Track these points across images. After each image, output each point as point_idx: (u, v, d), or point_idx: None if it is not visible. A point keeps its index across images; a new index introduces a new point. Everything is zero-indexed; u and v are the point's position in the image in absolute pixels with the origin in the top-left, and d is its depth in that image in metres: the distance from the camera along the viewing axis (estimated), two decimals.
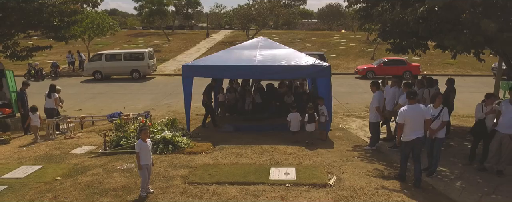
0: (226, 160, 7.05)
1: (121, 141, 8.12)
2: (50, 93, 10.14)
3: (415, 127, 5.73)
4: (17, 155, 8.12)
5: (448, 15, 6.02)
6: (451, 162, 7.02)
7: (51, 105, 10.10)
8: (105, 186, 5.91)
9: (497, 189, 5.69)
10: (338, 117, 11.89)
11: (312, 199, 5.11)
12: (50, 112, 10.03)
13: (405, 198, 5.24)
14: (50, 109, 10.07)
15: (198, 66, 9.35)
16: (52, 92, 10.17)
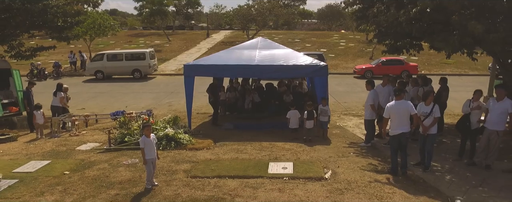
0: (227, 155, 7.35)
1: (125, 137, 8.42)
2: (56, 92, 10.52)
3: (401, 122, 6.14)
4: (25, 151, 8.41)
5: (439, 16, 6.32)
6: (443, 157, 7.32)
7: (56, 103, 10.49)
8: (111, 180, 6.21)
9: (484, 182, 5.99)
10: (335, 116, 12.16)
11: (308, 191, 5.41)
12: (55, 109, 10.42)
13: (396, 190, 5.54)
14: (55, 107, 10.47)
15: (199, 66, 9.65)
16: (58, 91, 10.56)
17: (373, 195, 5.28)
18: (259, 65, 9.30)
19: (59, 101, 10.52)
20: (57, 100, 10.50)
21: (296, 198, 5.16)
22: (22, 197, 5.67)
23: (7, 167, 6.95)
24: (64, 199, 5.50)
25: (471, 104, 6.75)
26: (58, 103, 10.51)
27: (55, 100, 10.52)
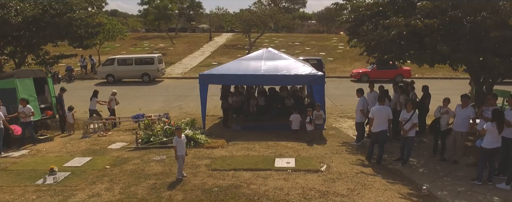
0: (239, 152, 8.77)
1: (151, 138, 9.84)
2: (92, 97, 12.27)
3: (381, 122, 7.82)
4: (65, 149, 9.82)
5: (413, 38, 7.72)
6: (420, 154, 8.74)
7: (93, 106, 12.23)
8: (147, 172, 7.62)
9: (449, 174, 7.40)
10: (332, 118, 13.55)
11: (307, 180, 6.82)
12: (92, 112, 12.15)
13: (377, 179, 6.95)
14: (92, 110, 12.20)
15: (213, 75, 11.06)
16: (93, 96, 12.30)
17: (358, 183, 6.70)
18: (265, 74, 10.72)
19: (95, 104, 12.23)
20: (93, 104, 12.21)
21: (298, 185, 6.57)
22: (78, 185, 7.08)
23: (56, 162, 8.34)
24: (113, 187, 6.91)
25: (441, 110, 8.17)
26: (94, 107, 12.23)
27: (92, 104, 12.25)
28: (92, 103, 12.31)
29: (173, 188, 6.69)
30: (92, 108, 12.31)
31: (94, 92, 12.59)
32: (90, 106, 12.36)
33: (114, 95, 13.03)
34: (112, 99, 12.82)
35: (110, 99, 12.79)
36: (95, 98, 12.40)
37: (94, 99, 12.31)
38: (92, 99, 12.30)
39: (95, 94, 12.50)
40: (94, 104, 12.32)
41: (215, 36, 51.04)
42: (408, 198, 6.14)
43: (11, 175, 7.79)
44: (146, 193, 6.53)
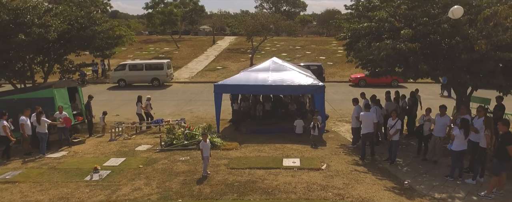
0: (252, 154, 10.24)
1: (173, 141, 11.31)
2: (137, 102, 14.20)
3: (368, 126, 9.59)
4: (98, 151, 11.29)
5: (400, 58, 9.20)
6: (406, 155, 10.22)
7: (139, 111, 14.18)
8: (175, 171, 9.09)
9: (428, 172, 8.88)
10: (331, 122, 15.00)
11: (310, 176, 8.29)
12: (139, 116, 14.21)
13: (368, 176, 8.43)
14: (138, 114, 14.23)
15: (226, 85, 12.53)
16: (138, 101, 14.23)
17: (352, 178, 8.17)
18: (272, 85, 12.20)
19: (140, 109, 14.12)
20: (138, 108, 14.13)
21: (302, 181, 8.04)
22: (121, 181, 8.54)
23: (96, 162, 9.80)
24: (150, 183, 8.37)
25: (424, 118, 9.66)
26: (140, 111, 14.14)
27: (137, 108, 14.18)
28: (138, 107, 14.19)
29: (201, 183, 8.16)
30: (138, 112, 14.24)
31: (138, 98, 14.44)
32: (137, 110, 14.30)
33: (149, 101, 14.65)
34: (148, 104, 14.43)
35: (146, 104, 14.39)
36: (140, 103, 14.19)
37: (139, 104, 14.14)
38: (138, 104, 14.16)
39: (139, 99, 14.34)
40: (139, 108, 14.18)
41: (218, 39, 52.46)
42: (392, 191, 7.61)
43: (61, 173, 9.26)
44: (179, 187, 8.00)
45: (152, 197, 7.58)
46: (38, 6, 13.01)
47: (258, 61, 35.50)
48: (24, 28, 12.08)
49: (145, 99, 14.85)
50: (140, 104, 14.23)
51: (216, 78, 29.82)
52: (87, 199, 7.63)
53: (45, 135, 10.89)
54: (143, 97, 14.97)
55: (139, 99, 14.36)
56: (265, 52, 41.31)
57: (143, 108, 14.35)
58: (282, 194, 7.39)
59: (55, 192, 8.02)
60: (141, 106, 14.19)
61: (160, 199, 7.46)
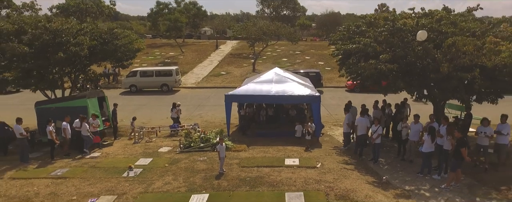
0: (258, 154, 12.19)
1: (191, 144, 13.25)
2: (172, 108, 16.20)
3: (362, 129, 11.48)
4: (127, 153, 13.22)
5: (381, 76, 11.14)
6: (388, 155, 12.17)
7: (174, 115, 16.18)
8: (196, 168, 11.02)
9: (404, 169, 10.82)
10: (327, 126, 16.91)
11: (307, 173, 10.22)
12: (174, 120, 16.13)
13: (354, 173, 10.36)
14: (173, 118, 16.21)
15: (235, 96, 14.47)
16: (173, 107, 16.23)
17: (341, 175, 10.11)
18: (275, 95, 14.15)
19: (175, 113, 16.11)
20: (173, 113, 16.16)
21: (301, 176, 9.97)
22: (153, 177, 10.47)
23: (129, 161, 11.73)
24: (177, 178, 10.31)
25: (402, 125, 11.61)
26: (175, 115, 16.16)
27: (172, 113, 16.21)
28: (172, 112, 16.22)
29: (219, 178, 10.10)
30: (173, 116, 16.27)
31: (173, 104, 16.50)
32: (171, 115, 16.33)
33: (179, 107, 16.60)
34: (178, 110, 16.38)
35: (177, 110, 16.31)
36: (174, 108, 16.16)
37: (174, 110, 16.15)
38: (173, 110, 16.19)
39: (174, 105, 16.34)
40: (174, 113, 16.19)
41: (220, 44, 54.43)
42: (372, 184, 9.55)
43: (101, 170, 11.20)
44: (201, 181, 9.94)
45: (181, 189, 9.53)
46: (72, 27, 14.93)
47: (260, 66, 37.55)
48: (62, 47, 14.03)
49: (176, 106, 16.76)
50: (175, 109, 16.23)
51: (221, 83, 31.78)
52: (129, 191, 9.57)
53: (88, 138, 12.84)
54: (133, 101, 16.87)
55: (174, 106, 16.37)
56: (266, 57, 43.29)
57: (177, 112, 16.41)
58: (284, 186, 9.34)
59: (101, 186, 9.96)
60: (176, 111, 16.19)
61: (188, 191, 9.40)
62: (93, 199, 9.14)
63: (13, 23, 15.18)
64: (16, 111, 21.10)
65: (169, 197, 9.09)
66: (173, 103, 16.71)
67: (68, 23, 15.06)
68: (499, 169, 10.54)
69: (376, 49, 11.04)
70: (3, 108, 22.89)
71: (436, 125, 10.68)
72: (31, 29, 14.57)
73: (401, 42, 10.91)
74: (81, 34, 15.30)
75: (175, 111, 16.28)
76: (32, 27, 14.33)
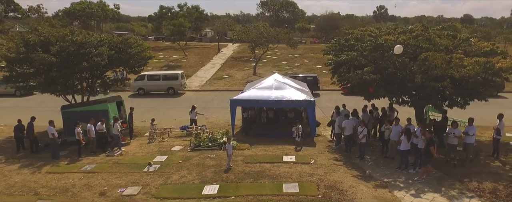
0: (260, 152, 13.95)
1: (200, 143, 15.00)
2: (191, 111, 17.84)
3: (349, 129, 13.03)
4: (144, 151, 14.96)
5: (365, 85, 12.90)
6: (373, 153, 13.94)
7: (193, 116, 17.80)
8: (207, 164, 12.77)
9: (386, 165, 12.59)
10: (322, 127, 18.65)
11: (302, 168, 11.99)
12: (193, 121, 17.79)
13: (342, 168, 12.12)
14: (192, 120, 17.85)
15: (239, 100, 16.24)
16: (192, 109, 17.87)
17: (330, 169, 11.87)
18: (275, 100, 15.92)
19: (194, 115, 17.78)
20: (193, 114, 17.85)
21: (297, 170, 11.73)
22: (170, 172, 12.23)
23: (148, 158, 13.50)
24: (191, 172, 12.06)
25: (384, 127, 13.37)
26: (194, 116, 17.81)
27: (192, 114, 17.87)
28: (192, 114, 17.88)
29: (227, 172, 11.87)
30: (192, 117, 17.91)
31: (193, 107, 18.19)
32: (191, 116, 17.94)
33: (195, 110, 18.26)
34: (195, 112, 18.09)
35: (195, 112, 18.05)
36: (194, 111, 17.85)
37: (193, 112, 17.85)
38: (192, 112, 17.88)
39: (193, 108, 18.05)
40: (194, 114, 17.87)
41: (222, 47, 56.18)
42: (356, 177, 11.32)
43: (124, 166, 12.95)
44: (212, 175, 11.70)
45: (195, 181, 11.30)
46: (94, 39, 16.71)
47: (261, 70, 39.34)
48: (86, 57, 15.80)
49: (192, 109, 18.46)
50: (193, 111, 17.97)
51: (224, 86, 33.54)
52: (151, 183, 11.34)
53: (117, 137, 14.64)
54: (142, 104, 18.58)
55: (193, 108, 18.10)
56: (267, 60, 45.04)
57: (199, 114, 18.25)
58: (282, 178, 11.11)
59: (127, 179, 11.73)
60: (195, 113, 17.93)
61: (201, 183, 11.17)
62: (122, 189, 10.92)
63: (39, 35, 16.97)
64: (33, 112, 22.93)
65: (186, 188, 10.86)
66: (192, 106, 18.44)
67: (90, 36, 16.82)
68: (466, 165, 12.31)
69: (361, 62, 12.81)
70: (21, 109, 24.69)
71: (413, 127, 12.46)
72: (56, 40, 16.35)
73: (382, 56, 12.68)
74: (101, 45, 17.05)
75: (194, 112, 18.01)
76: (59, 39, 16.08)
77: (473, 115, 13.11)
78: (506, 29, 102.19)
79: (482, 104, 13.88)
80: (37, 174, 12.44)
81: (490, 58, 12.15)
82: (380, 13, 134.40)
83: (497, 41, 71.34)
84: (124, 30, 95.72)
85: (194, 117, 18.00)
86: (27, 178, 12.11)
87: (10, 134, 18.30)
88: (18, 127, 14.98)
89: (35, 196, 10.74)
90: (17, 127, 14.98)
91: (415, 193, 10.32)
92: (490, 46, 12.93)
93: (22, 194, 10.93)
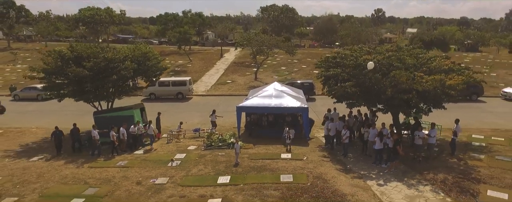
0: (262, 151, 16.88)
1: (212, 143, 17.93)
2: (211, 114, 20.65)
3: (332, 131, 16.08)
4: (164, 150, 17.88)
5: (349, 97, 15.84)
6: (356, 152, 16.86)
7: (214, 118, 20.58)
8: (219, 160, 15.70)
9: (364, 161, 15.52)
10: (315, 130, 21.59)
11: (296, 163, 14.90)
12: (213, 123, 20.53)
13: (328, 163, 15.05)
14: (212, 122, 20.55)
15: (244, 107, 19.20)
16: (212, 113, 20.65)
17: (318, 164, 14.80)
18: (274, 107, 18.87)
19: (214, 118, 20.49)
20: (214, 117, 20.58)
21: (292, 165, 14.65)
22: (189, 166, 15.15)
23: (169, 156, 16.41)
24: (206, 167, 14.99)
25: (363, 129, 16.30)
26: (214, 119, 20.56)
27: (212, 117, 20.57)
28: (212, 116, 20.67)
29: (236, 166, 14.80)
30: (212, 120, 20.66)
31: (213, 111, 21.01)
32: (211, 119, 20.70)
33: (215, 113, 21.06)
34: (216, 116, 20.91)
35: (215, 115, 20.87)
36: (214, 114, 20.66)
37: (213, 115, 20.65)
38: (212, 115, 20.69)
39: (213, 112, 20.84)
40: (214, 117, 20.66)
41: (224, 52, 59.05)
42: (339, 170, 14.25)
43: (151, 162, 15.87)
44: (224, 169, 14.63)
45: (211, 173, 14.23)
46: (121, 55, 19.67)
47: (261, 75, 42.31)
48: (115, 70, 18.75)
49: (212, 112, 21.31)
50: (214, 114, 20.78)
51: (227, 91, 36.43)
52: (175, 174, 14.27)
53: (152, 136, 17.63)
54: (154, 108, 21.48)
55: (213, 112, 20.90)
56: (267, 66, 47.95)
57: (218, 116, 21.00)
58: (280, 171, 14.05)
59: (155, 172, 14.65)
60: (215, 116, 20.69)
61: (216, 174, 14.09)
62: (154, 179, 13.85)
63: (72, 51, 19.90)
64: (59, 116, 26.25)
65: (204, 178, 13.79)
66: (213, 110, 21.31)
67: (118, 53, 19.75)
68: (429, 161, 15.23)
69: (344, 77, 15.76)
70: (46, 113, 27.74)
71: (385, 130, 15.40)
72: (88, 56, 19.27)
73: (361, 73, 15.62)
74: (126, 59, 20.00)
75: (214, 115, 20.85)
76: (92, 56, 19.03)
77: (451, 118, 16.03)
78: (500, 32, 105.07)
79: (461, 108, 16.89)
80: (81, 168, 15.38)
81: (449, 74, 15.10)
82: (378, 16, 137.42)
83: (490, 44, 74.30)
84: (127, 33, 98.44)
85: (214, 119, 20.75)
86: (74, 171, 15.05)
87: (44, 135, 21.43)
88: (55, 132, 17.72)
89: (85, 185, 13.67)
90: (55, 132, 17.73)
91: (383, 182, 13.26)
92: (450, 64, 15.87)
93: (74, 183, 13.86)
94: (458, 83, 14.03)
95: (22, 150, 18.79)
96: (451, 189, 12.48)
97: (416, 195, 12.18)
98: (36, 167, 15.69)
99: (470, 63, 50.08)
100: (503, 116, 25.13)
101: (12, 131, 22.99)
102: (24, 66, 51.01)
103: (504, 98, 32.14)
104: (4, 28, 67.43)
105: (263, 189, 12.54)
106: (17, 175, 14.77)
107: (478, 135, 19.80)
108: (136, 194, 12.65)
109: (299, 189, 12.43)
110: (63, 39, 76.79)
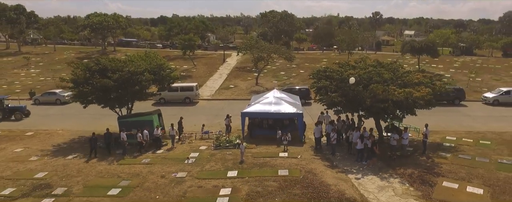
0: (263, 150, 19.95)
1: (220, 144, 20.99)
2: (226, 118, 23.50)
3: (317, 133, 19.09)
4: (180, 150, 20.93)
5: (339, 105, 18.89)
6: (342, 151, 19.92)
7: (227, 122, 23.44)
8: (227, 158, 18.76)
9: (349, 159, 18.57)
10: (309, 132, 24.64)
11: (292, 161, 17.95)
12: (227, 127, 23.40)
13: (318, 161, 18.10)
14: (226, 125, 23.47)
15: (248, 113, 22.27)
16: (227, 118, 23.50)
17: (310, 161, 17.86)
18: (273, 112, 21.96)
19: (228, 122, 23.37)
20: (227, 121, 23.41)
21: (288, 162, 17.70)
22: (203, 163, 18.21)
23: (185, 154, 19.45)
24: (217, 163, 18.05)
25: (349, 132, 19.35)
26: (228, 122, 23.42)
27: (227, 121, 23.45)
28: (226, 120, 23.51)
29: (241, 163, 17.86)
30: (226, 123, 23.52)
31: (227, 116, 23.82)
32: (225, 122, 23.58)
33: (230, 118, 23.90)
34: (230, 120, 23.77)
35: (229, 119, 23.74)
36: (227, 118, 23.53)
37: (227, 119, 23.52)
38: (226, 119, 23.56)
39: (227, 116, 23.71)
40: (228, 121, 23.49)
41: (227, 57, 62.06)
42: (326, 166, 17.32)
43: (170, 160, 18.92)
44: (232, 165, 17.70)
45: (221, 169, 17.30)
46: (140, 68, 22.75)
47: (262, 80, 45.39)
48: (136, 82, 21.83)
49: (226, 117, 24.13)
50: (227, 119, 23.58)
51: (231, 96, 39.44)
52: (192, 170, 17.33)
53: (173, 136, 20.67)
54: (165, 112, 24.52)
55: (227, 116, 23.75)
56: (267, 71, 50.99)
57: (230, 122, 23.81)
58: (278, 167, 17.13)
59: (174, 167, 17.72)
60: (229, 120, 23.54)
61: (225, 170, 17.15)
62: (175, 173, 16.91)
63: (98, 64, 22.96)
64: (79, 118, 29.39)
65: (216, 173, 16.86)
66: (227, 114, 24.16)
67: (139, 67, 22.80)
68: (402, 159, 18.29)
69: (332, 89, 18.85)
70: (67, 116, 30.79)
71: (366, 133, 18.47)
72: (112, 69, 22.31)
73: (345, 85, 18.71)
74: (145, 71, 23.06)
75: (228, 119, 23.71)
76: (117, 69, 22.08)
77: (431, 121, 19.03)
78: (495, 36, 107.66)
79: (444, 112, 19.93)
80: (112, 165, 18.44)
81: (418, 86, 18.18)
82: (376, 19, 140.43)
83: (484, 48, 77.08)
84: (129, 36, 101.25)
85: (228, 123, 23.58)
86: (107, 167, 18.12)
87: (70, 136, 24.51)
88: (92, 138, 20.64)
89: (119, 178, 16.73)
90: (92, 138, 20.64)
91: (361, 176, 16.33)
92: (420, 78, 18.96)
93: (110, 177, 16.92)
94: (424, 95, 17.10)
95: (55, 149, 21.82)
96: (415, 181, 15.55)
97: (386, 186, 15.25)
98: (74, 164, 18.75)
99: (458, 68, 53.27)
100: (480, 120, 28.11)
101: (41, 132, 26.04)
102: (37, 71, 54.19)
103: (484, 102, 35.00)
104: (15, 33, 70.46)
105: (264, 180, 15.60)
106: (60, 171, 17.83)
107: (452, 136, 22.83)
108: (162, 185, 15.71)
109: (293, 181, 15.50)
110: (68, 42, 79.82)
